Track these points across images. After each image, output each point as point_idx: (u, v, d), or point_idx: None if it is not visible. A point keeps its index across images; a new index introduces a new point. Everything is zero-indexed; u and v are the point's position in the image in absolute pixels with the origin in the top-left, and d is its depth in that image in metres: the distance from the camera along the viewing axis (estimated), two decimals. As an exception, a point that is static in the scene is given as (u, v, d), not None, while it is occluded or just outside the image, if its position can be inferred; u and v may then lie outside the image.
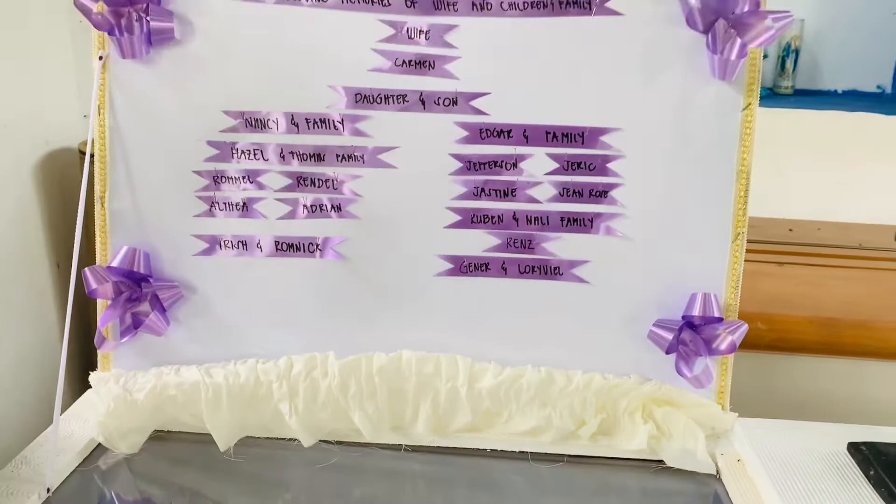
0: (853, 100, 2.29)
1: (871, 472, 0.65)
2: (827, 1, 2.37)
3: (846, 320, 1.21)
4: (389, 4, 0.72)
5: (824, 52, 2.40)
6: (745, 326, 0.72)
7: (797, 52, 2.31)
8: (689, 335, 0.73)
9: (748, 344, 1.26)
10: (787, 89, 2.31)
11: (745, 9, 0.69)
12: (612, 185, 0.74)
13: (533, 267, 0.75)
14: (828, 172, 2.00)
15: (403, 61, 0.73)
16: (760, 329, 1.21)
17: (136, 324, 0.75)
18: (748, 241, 0.78)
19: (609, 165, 0.73)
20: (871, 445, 0.68)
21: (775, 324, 1.22)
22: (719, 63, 0.70)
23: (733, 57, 0.70)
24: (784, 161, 2.03)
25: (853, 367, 1.22)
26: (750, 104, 0.72)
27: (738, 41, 0.69)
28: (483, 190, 0.74)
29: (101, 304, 0.76)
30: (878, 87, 2.40)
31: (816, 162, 2.03)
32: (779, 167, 2.04)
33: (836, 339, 1.20)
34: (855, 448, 0.69)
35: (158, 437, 0.74)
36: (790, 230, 1.73)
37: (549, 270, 0.75)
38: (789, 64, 2.30)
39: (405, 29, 0.72)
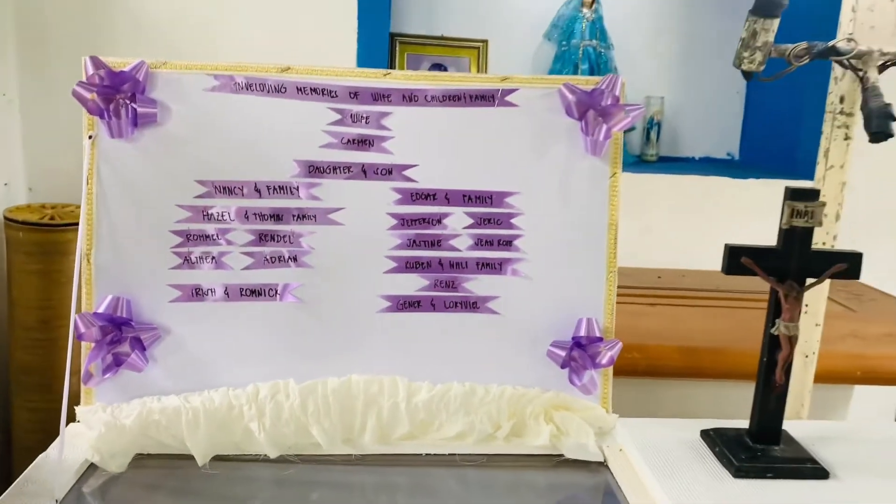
0: (708, 165, 2.66)
1: (717, 449, 0.86)
2: (684, 81, 2.75)
3: (706, 348, 1.45)
4: (336, 95, 0.90)
5: (683, 124, 2.78)
6: (620, 344, 0.93)
7: (660, 125, 2.66)
8: (578, 352, 0.93)
9: (627, 371, 1.49)
10: (652, 157, 2.66)
11: (609, 102, 0.92)
12: (515, 236, 0.94)
13: (455, 302, 0.93)
14: (689, 227, 2.32)
15: (348, 140, 0.91)
16: (637, 358, 1.43)
17: (118, 362, 0.88)
18: (626, 287, 0.98)
19: (512, 220, 0.93)
20: (717, 430, 0.89)
21: (649, 353, 1.44)
22: (591, 143, 0.92)
23: (601, 138, 0.92)
24: (653, 218, 2.34)
25: (711, 386, 1.46)
26: (615, 173, 0.95)
27: (605, 126, 0.92)
28: (415, 241, 0.92)
29: (86, 346, 0.88)
30: (728, 154, 2.79)
31: (679, 218, 2.35)
32: (648, 224, 2.34)
33: (698, 363, 1.43)
34: (705, 434, 0.90)
35: (139, 459, 0.86)
36: (659, 277, 2.00)
37: (469, 305, 0.93)
38: (654, 135, 2.65)
39: (349, 115, 0.91)
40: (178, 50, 1.95)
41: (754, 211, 1.89)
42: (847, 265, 0.80)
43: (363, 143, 0.91)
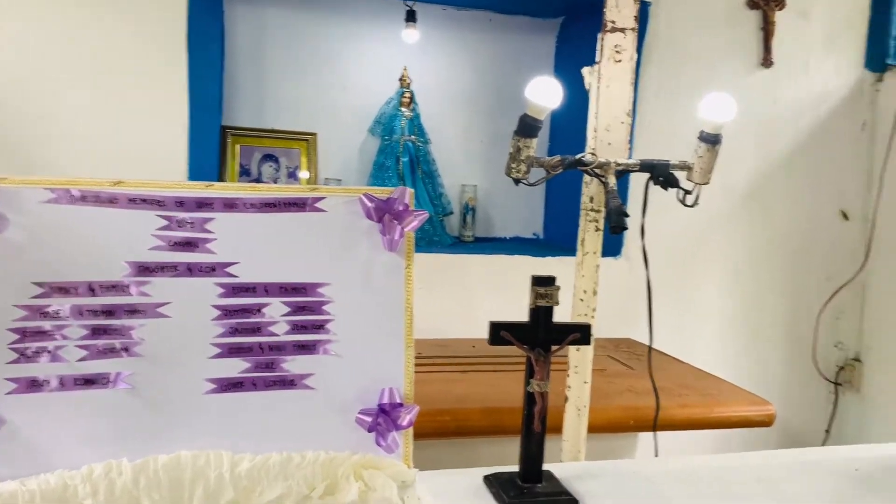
0: (517, 245, 2.98)
1: (494, 490, 1.05)
2: (492, 170, 3.08)
3: (506, 408, 1.67)
4: (164, 204, 1.04)
5: (494, 208, 3.10)
6: (418, 408, 1.11)
7: (474, 209, 2.96)
8: (382, 417, 1.10)
9: (440, 433, 1.67)
10: (469, 238, 2.94)
11: (401, 208, 1.12)
12: (327, 321, 1.10)
13: (275, 381, 1.08)
14: (500, 300, 2.59)
15: (175, 242, 1.04)
16: (448, 421, 1.62)
17: (-49, 454, 0.94)
18: (443, 357, 1.15)
19: (324, 307, 1.10)
20: (495, 475, 1.09)
21: (459, 416, 1.64)
22: (388, 241, 1.12)
23: (396, 237, 1.12)
24: (470, 293, 2.59)
25: (510, 442, 1.67)
26: (409, 265, 1.14)
27: (398, 227, 1.12)
28: (237, 329, 1.06)
29: (-82, 441, 0.93)
30: (535, 234, 3.13)
31: (492, 292, 2.62)
32: (466, 298, 2.59)
33: (500, 422, 1.65)
34: (486, 478, 1.09)
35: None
36: (473, 346, 2.23)
37: (286, 382, 1.08)
38: (469, 218, 2.94)
39: (176, 221, 1.05)
40: (14, 155, 1.98)
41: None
42: (580, 334, 1.03)
43: (188, 244, 1.05)
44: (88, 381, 1.00)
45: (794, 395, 3.00)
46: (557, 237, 2.96)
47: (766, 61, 2.83)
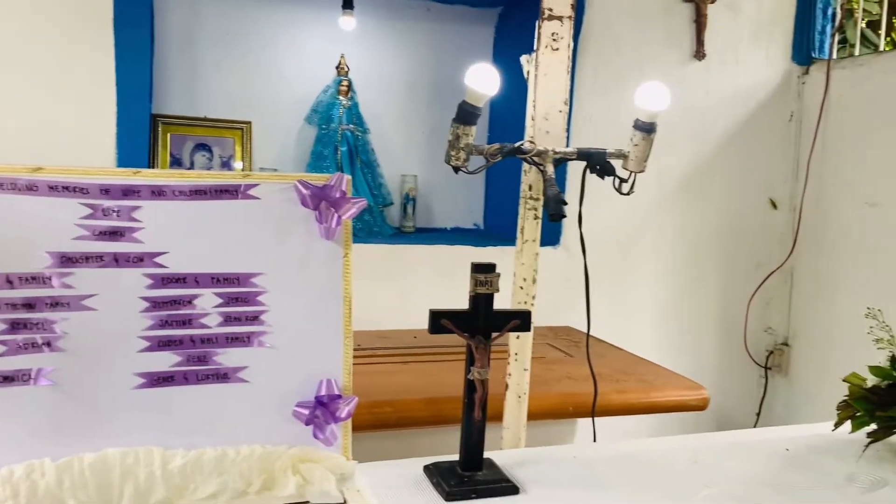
0: (458, 235, 2.98)
1: (434, 479, 1.04)
2: (433, 161, 3.07)
3: (447, 397, 1.66)
4: (88, 192, 0.99)
5: (435, 199, 3.09)
6: (356, 399, 1.09)
7: (415, 199, 2.95)
8: (320, 410, 1.07)
9: (380, 425, 1.65)
10: (410, 228, 2.93)
11: (338, 196, 1.10)
12: (261, 312, 1.07)
13: (207, 375, 1.04)
14: (441, 290, 2.58)
15: (101, 231, 1.00)
16: (389, 412, 1.61)
17: None
18: (384, 348, 1.12)
19: (258, 298, 1.07)
20: (435, 464, 1.08)
21: (399, 407, 1.63)
22: (325, 229, 1.09)
23: (333, 225, 1.10)
24: (411, 284, 2.58)
25: (452, 432, 1.67)
26: (347, 253, 1.12)
27: (336, 215, 1.10)
28: (167, 322, 1.02)
29: None
30: (475, 224, 3.14)
31: (434, 282, 2.61)
32: (406, 289, 2.57)
33: (441, 412, 1.64)
34: (426, 468, 1.08)
35: None
36: (415, 337, 2.22)
37: (220, 376, 1.05)
38: (410, 209, 2.93)
39: (101, 209, 1.00)
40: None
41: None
42: (520, 321, 1.03)
43: (114, 234, 1.00)
44: (7, 379, 0.95)
45: (727, 379, 3.09)
46: (498, 227, 2.97)
47: (699, 53, 2.89)
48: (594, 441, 1.70)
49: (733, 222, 3.05)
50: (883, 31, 3.09)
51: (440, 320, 1.00)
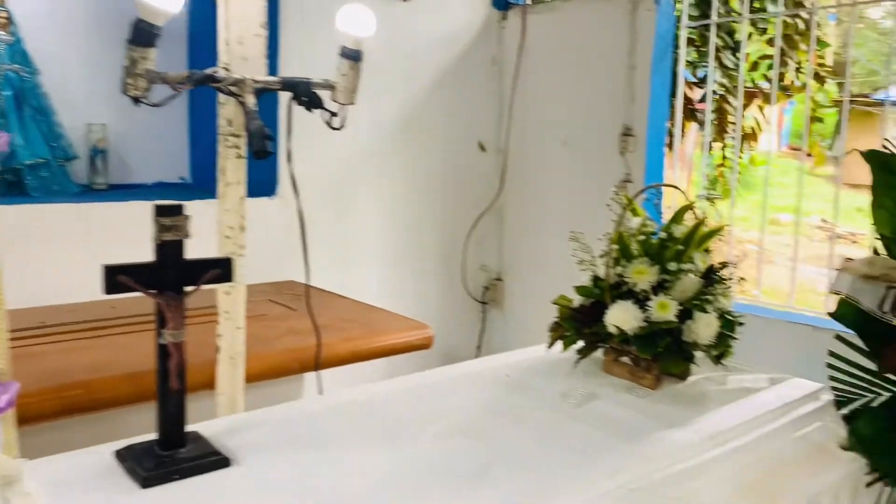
0: (161, 190, 2.67)
1: (127, 465, 0.88)
2: (126, 108, 2.70)
3: (149, 370, 1.46)
4: None
5: (131, 151, 2.74)
6: (18, 385, 0.87)
7: (105, 152, 2.58)
8: (-34, 403, 0.84)
9: (69, 410, 1.41)
10: (102, 185, 2.57)
11: None
12: None
13: None
14: (143, 255, 2.30)
15: None
16: (79, 395, 1.37)
17: None
18: (70, 323, 0.88)
19: None
20: (128, 448, 0.91)
21: (92, 387, 1.39)
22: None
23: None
24: (104, 248, 2.26)
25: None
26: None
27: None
28: None
29: None
30: (181, 178, 2.85)
31: (133, 247, 2.31)
32: (100, 254, 2.25)
33: (145, 388, 1.43)
34: (118, 453, 0.91)
35: None
36: (112, 307, 1.94)
37: None
38: (99, 163, 2.57)
39: None
40: None
41: (204, 231, 1.98)
42: (220, 270, 0.89)
43: None
44: None
45: (449, 317, 3.19)
46: (207, 180, 2.71)
47: (405, -6, 2.87)
48: (320, 394, 1.63)
49: (448, 165, 3.12)
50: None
51: (116, 276, 0.82)
